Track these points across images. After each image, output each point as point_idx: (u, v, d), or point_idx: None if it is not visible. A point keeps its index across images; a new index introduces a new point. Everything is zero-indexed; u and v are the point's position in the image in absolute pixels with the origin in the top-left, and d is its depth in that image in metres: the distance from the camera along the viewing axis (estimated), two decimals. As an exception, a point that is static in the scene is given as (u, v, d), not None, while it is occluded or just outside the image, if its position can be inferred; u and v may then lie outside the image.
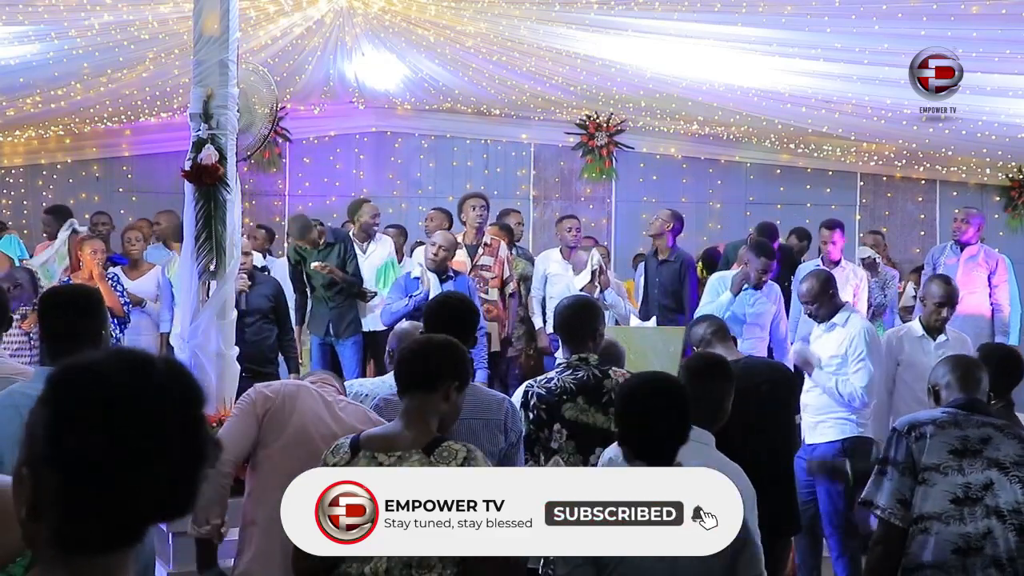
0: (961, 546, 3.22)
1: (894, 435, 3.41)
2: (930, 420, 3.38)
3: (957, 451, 3.30)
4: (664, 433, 2.73)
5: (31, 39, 7.47)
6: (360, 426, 3.24)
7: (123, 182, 10.86)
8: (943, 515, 3.25)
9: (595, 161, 10.81)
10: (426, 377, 2.74)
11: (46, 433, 1.21)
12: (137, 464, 1.20)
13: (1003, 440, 3.33)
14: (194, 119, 5.02)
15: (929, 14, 6.32)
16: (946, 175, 10.78)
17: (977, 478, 3.26)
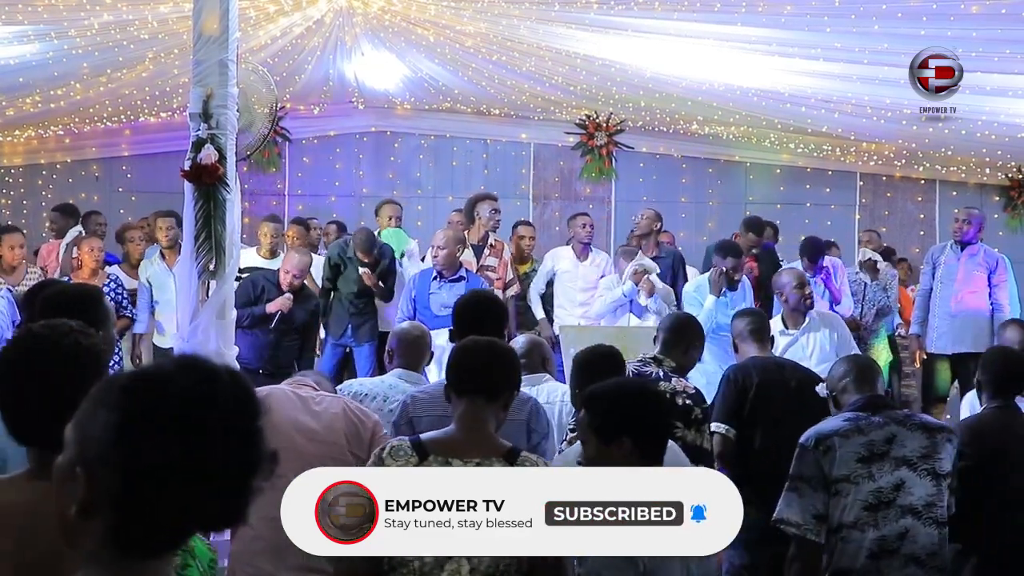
0: (875, 550, 3.27)
1: (801, 451, 3.39)
2: (834, 431, 3.37)
3: (864, 458, 3.31)
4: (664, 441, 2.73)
5: (31, 39, 7.47)
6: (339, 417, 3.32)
7: (123, 182, 10.86)
8: (858, 523, 3.29)
9: (595, 161, 10.80)
10: (491, 384, 2.68)
11: (111, 436, 1.24)
12: (198, 472, 1.23)
13: (907, 435, 3.36)
14: (194, 119, 5.03)
15: (929, 14, 6.31)
16: (946, 175, 10.77)
17: (887, 480, 3.30)
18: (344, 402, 3.50)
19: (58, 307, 3.21)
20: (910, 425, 3.41)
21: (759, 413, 4.43)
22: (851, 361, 3.76)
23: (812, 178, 10.95)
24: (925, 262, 8.08)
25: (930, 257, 8.03)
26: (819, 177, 10.94)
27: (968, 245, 7.77)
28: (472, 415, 2.65)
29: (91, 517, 1.25)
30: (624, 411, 2.67)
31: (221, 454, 1.25)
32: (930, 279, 7.88)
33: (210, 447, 1.24)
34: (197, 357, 1.35)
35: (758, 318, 4.85)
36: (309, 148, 11.08)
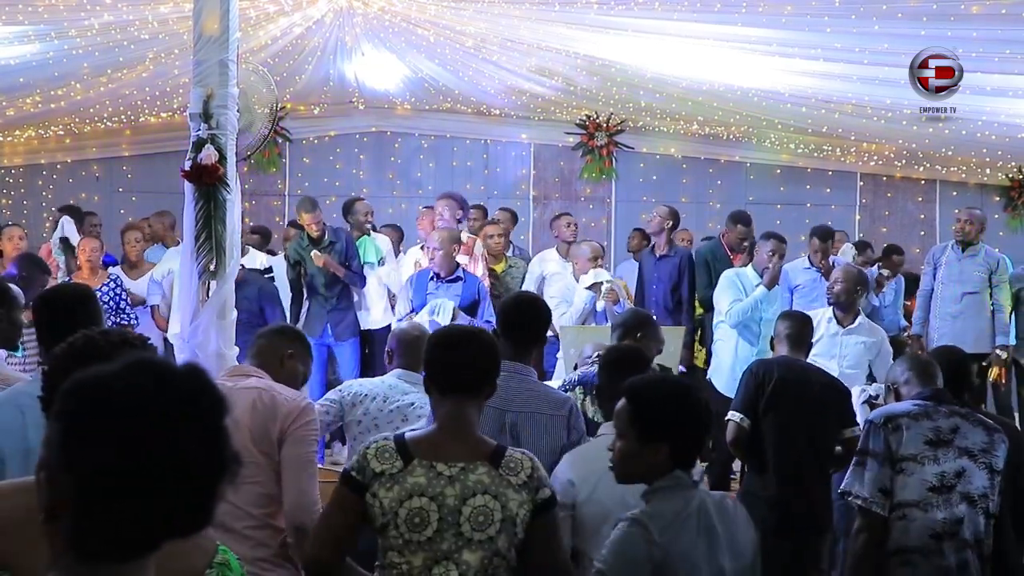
0: (938, 531, 3.44)
1: (871, 427, 3.57)
2: (904, 412, 3.55)
3: (932, 441, 3.49)
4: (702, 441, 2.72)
5: (31, 39, 7.48)
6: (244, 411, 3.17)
7: (123, 182, 10.87)
8: (921, 502, 3.45)
9: (595, 161, 10.81)
10: (476, 381, 2.64)
11: (59, 440, 1.22)
12: (149, 475, 1.19)
13: (970, 428, 3.53)
14: (194, 119, 5.03)
15: (929, 14, 6.32)
16: (946, 175, 10.78)
17: (951, 466, 3.47)
18: (257, 391, 3.31)
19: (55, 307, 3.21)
20: (972, 420, 3.57)
21: (775, 409, 4.50)
22: (912, 359, 3.97)
23: (812, 178, 10.96)
24: (926, 262, 8.08)
25: (931, 257, 8.01)
26: (819, 177, 10.94)
27: (969, 245, 7.76)
28: (457, 414, 2.62)
29: (55, 522, 1.23)
30: (666, 413, 2.57)
31: (170, 456, 1.20)
32: (931, 279, 7.87)
33: (161, 449, 1.19)
34: (150, 358, 1.30)
35: (798, 324, 4.82)
36: (309, 148, 11.09)
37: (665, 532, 2.45)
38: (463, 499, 2.51)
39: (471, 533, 2.50)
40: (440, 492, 2.51)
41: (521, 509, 2.53)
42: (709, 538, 2.49)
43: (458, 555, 2.49)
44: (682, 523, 2.48)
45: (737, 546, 2.56)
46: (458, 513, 2.50)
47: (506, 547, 2.52)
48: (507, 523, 2.51)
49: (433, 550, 2.50)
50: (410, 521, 2.50)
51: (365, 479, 2.54)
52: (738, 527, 2.60)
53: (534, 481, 2.56)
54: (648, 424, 2.55)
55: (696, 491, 2.55)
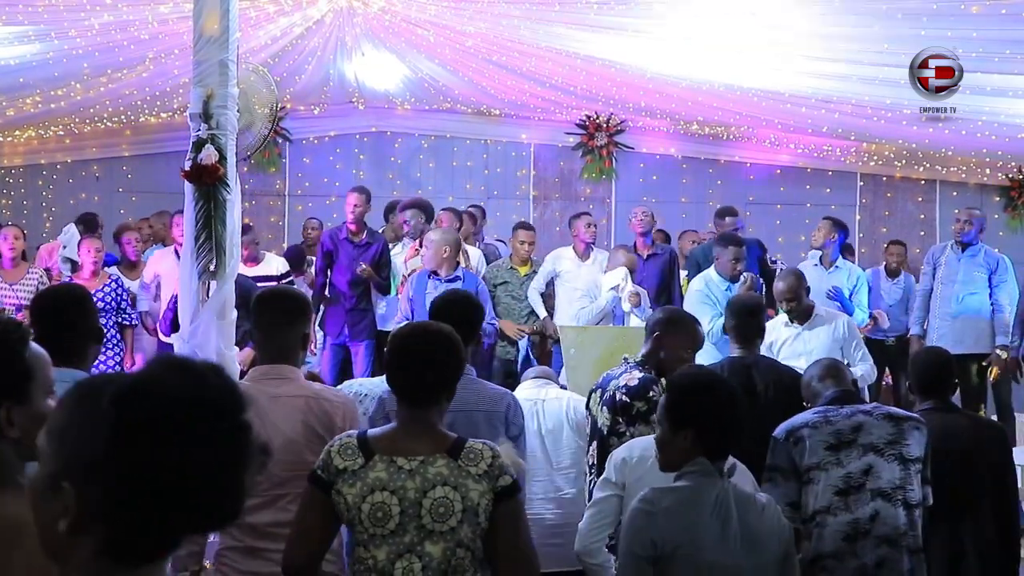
0: (849, 532, 3.48)
1: (774, 443, 3.62)
2: (803, 423, 3.62)
3: (832, 446, 3.55)
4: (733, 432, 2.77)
5: (31, 39, 7.48)
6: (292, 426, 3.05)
7: (123, 182, 10.87)
8: (831, 508, 3.51)
9: (595, 161, 10.81)
10: (434, 391, 2.65)
11: (103, 447, 1.20)
12: (194, 475, 1.21)
13: (874, 424, 3.58)
14: (194, 119, 5.03)
15: (929, 14, 6.32)
16: (946, 175, 10.77)
17: (856, 466, 3.52)
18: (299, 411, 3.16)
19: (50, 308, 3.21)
20: (876, 415, 3.62)
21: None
22: (817, 363, 4.03)
23: (812, 178, 10.95)
24: (925, 262, 8.05)
25: (930, 257, 7.99)
26: (819, 177, 10.94)
27: (969, 246, 7.75)
28: (415, 415, 2.66)
29: (81, 531, 1.22)
30: (692, 401, 2.70)
31: (214, 454, 1.23)
32: (930, 279, 7.85)
33: (204, 448, 1.22)
34: (181, 358, 1.31)
35: (739, 317, 4.70)
36: (309, 148, 11.09)
37: (670, 512, 2.57)
38: (423, 491, 2.53)
39: (432, 525, 2.52)
40: (401, 485, 2.53)
41: (483, 499, 2.54)
42: (723, 527, 2.57)
43: (420, 547, 2.51)
44: (693, 507, 2.58)
45: (757, 541, 2.61)
46: (419, 505, 2.52)
47: (470, 537, 2.54)
48: (468, 513, 2.53)
49: (396, 543, 2.52)
50: (373, 516, 2.53)
51: (329, 476, 2.58)
52: (762, 523, 2.64)
53: (494, 470, 2.57)
54: (676, 412, 2.70)
55: (719, 480, 2.63)
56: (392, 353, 2.72)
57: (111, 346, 7.09)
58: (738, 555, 2.58)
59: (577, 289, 7.75)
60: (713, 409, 2.67)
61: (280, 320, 3.25)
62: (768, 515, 2.68)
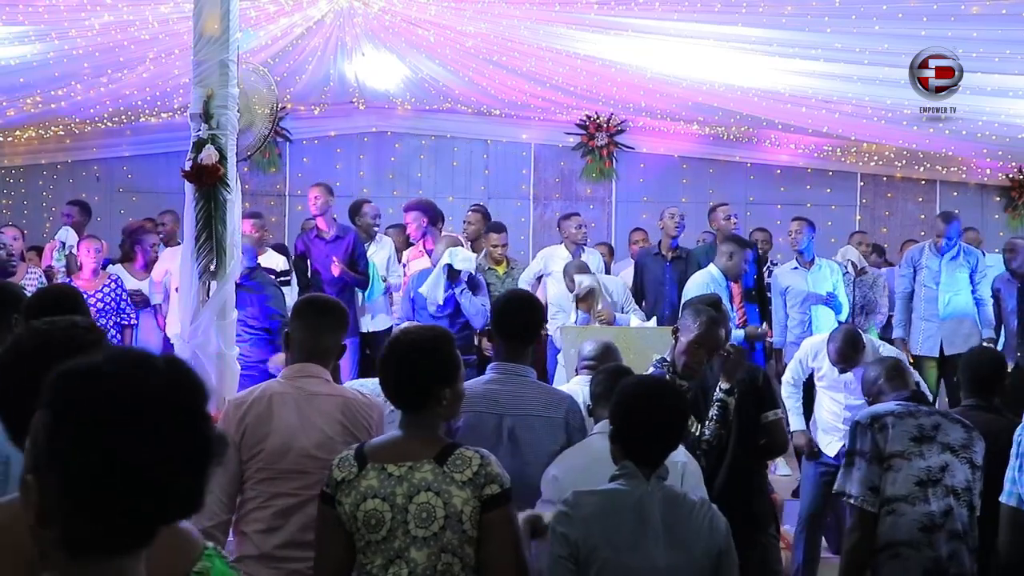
0: (926, 524, 3.54)
1: (857, 428, 3.68)
2: (888, 412, 3.70)
3: (916, 438, 3.62)
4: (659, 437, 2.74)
5: (31, 39, 7.48)
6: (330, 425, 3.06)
7: (123, 182, 10.87)
8: (909, 496, 3.56)
9: (595, 161, 10.81)
10: (416, 396, 2.65)
11: (45, 437, 1.21)
12: (135, 465, 1.19)
13: (950, 426, 3.68)
14: (194, 119, 5.03)
15: (929, 14, 6.32)
16: (946, 175, 10.77)
17: (935, 461, 3.59)
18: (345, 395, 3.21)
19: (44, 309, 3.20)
20: (951, 419, 3.74)
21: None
22: (880, 363, 4.09)
23: (812, 178, 10.95)
24: (905, 263, 7.98)
25: (909, 260, 7.94)
26: (819, 177, 10.94)
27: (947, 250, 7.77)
28: (411, 420, 2.67)
29: (48, 523, 1.21)
30: (620, 408, 2.77)
31: (162, 444, 1.20)
32: (911, 282, 7.83)
33: (149, 437, 1.20)
34: (130, 349, 1.30)
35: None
36: (309, 148, 11.08)
37: (588, 514, 2.61)
38: (409, 497, 2.54)
39: (416, 530, 2.52)
40: (391, 492, 2.54)
41: (466, 506, 2.53)
42: (644, 527, 2.60)
43: (407, 553, 2.52)
44: (612, 509, 2.62)
45: (683, 541, 2.61)
46: (405, 511, 2.53)
47: (455, 544, 2.53)
48: (451, 520, 2.52)
49: (387, 550, 2.53)
50: (367, 523, 2.54)
51: (331, 489, 2.62)
52: (691, 523, 2.64)
53: (480, 478, 2.55)
54: (611, 417, 2.78)
55: (642, 482, 2.64)
56: (385, 359, 2.72)
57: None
58: (659, 558, 2.59)
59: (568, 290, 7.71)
60: (629, 415, 2.72)
61: (329, 325, 3.26)
62: (698, 515, 2.67)
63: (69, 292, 3.38)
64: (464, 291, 6.70)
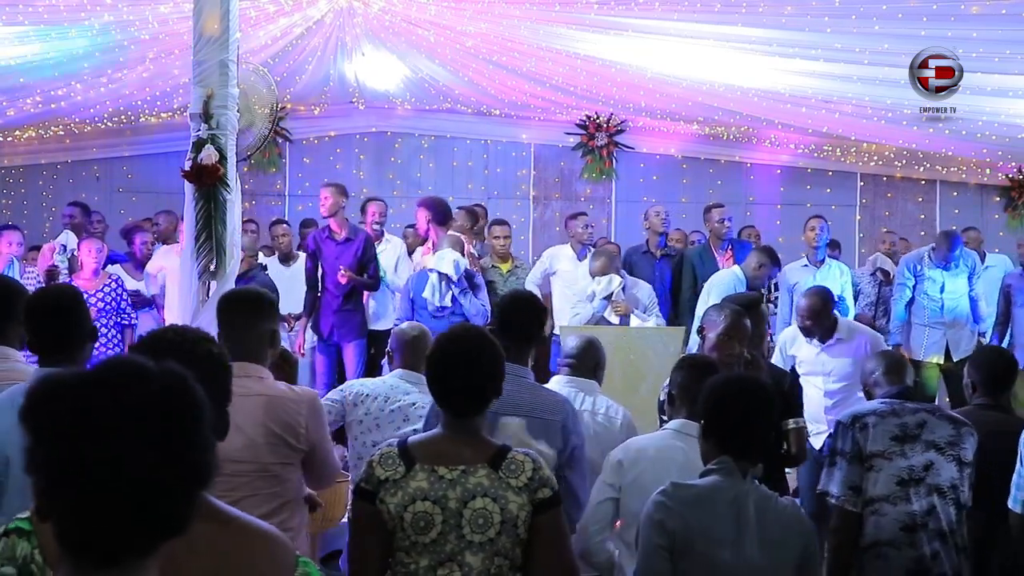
0: (908, 523, 3.54)
1: (839, 428, 3.69)
2: (871, 411, 3.68)
3: (898, 437, 3.60)
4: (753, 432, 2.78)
5: (31, 39, 7.48)
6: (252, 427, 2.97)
7: (123, 182, 10.87)
8: (891, 496, 3.56)
9: (595, 161, 10.81)
10: (472, 400, 2.64)
11: (29, 443, 1.21)
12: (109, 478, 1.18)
13: (937, 423, 3.65)
14: (194, 119, 5.04)
15: (929, 14, 6.32)
16: (946, 175, 10.77)
17: (918, 460, 3.58)
18: (269, 395, 3.06)
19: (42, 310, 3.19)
20: (939, 415, 3.71)
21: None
22: (881, 355, 4.06)
23: (812, 178, 10.95)
24: (906, 271, 7.92)
25: (911, 267, 7.88)
26: (819, 177, 10.94)
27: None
28: (458, 424, 2.65)
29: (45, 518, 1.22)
30: (710, 405, 2.80)
31: (136, 459, 1.18)
32: (911, 290, 7.80)
33: (127, 451, 1.18)
34: (128, 360, 1.27)
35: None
36: (309, 148, 11.08)
37: (686, 505, 2.65)
38: (463, 502, 2.52)
39: (472, 535, 2.51)
40: (442, 495, 2.52)
41: (521, 511, 2.53)
42: (738, 524, 2.63)
43: (461, 557, 2.51)
44: (710, 502, 2.65)
45: (774, 543, 2.66)
46: (459, 516, 2.51)
47: (509, 548, 2.53)
48: (507, 525, 2.52)
49: (437, 552, 2.51)
50: (415, 524, 2.52)
51: (372, 487, 2.57)
52: (780, 524, 2.68)
53: (535, 482, 2.56)
54: (703, 413, 2.81)
55: (739, 480, 2.68)
56: (433, 361, 2.68)
57: (111, 346, 7.09)
58: (752, 556, 2.62)
59: (574, 289, 7.73)
60: (725, 410, 2.73)
61: (245, 319, 3.15)
62: (788, 517, 2.71)
63: (69, 292, 3.36)
64: (465, 291, 6.72)
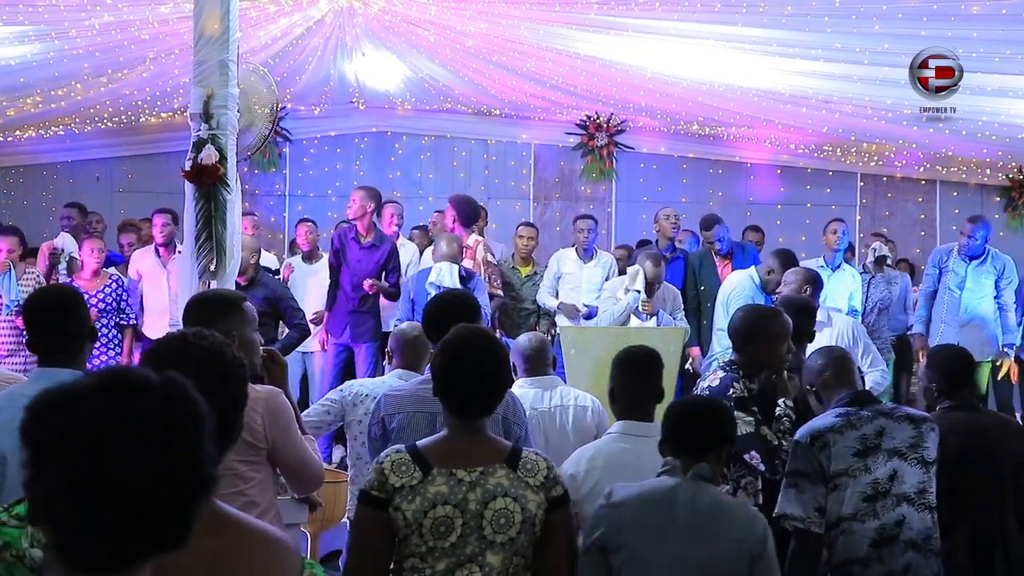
0: (876, 539, 3.39)
1: (798, 448, 3.49)
2: (828, 427, 3.48)
3: (860, 452, 3.44)
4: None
5: (31, 39, 7.48)
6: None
7: (123, 182, 10.87)
8: (858, 514, 3.41)
9: (595, 161, 10.81)
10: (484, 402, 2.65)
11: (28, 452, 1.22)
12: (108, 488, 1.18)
13: (896, 427, 3.48)
14: (194, 119, 5.04)
15: (929, 14, 6.31)
16: (946, 175, 10.77)
17: (882, 471, 3.43)
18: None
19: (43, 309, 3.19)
20: (897, 417, 3.52)
21: None
22: (828, 355, 3.78)
23: (812, 178, 10.95)
24: (931, 263, 7.94)
25: (936, 260, 7.88)
26: (819, 177, 10.94)
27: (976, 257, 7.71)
28: (467, 425, 2.64)
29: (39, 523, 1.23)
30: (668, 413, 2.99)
31: (135, 470, 1.18)
32: (935, 281, 7.77)
33: (129, 462, 1.18)
34: (129, 370, 1.27)
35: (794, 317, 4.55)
36: (309, 148, 11.08)
37: (621, 504, 2.74)
38: (484, 503, 2.52)
39: (493, 536, 2.52)
40: (463, 498, 2.51)
41: (539, 510, 2.57)
42: (670, 521, 2.69)
43: (482, 557, 2.51)
44: (644, 500, 2.75)
45: (711, 539, 2.68)
46: (480, 517, 2.51)
47: (525, 546, 2.56)
48: (527, 524, 2.55)
49: (456, 555, 2.51)
50: (435, 530, 2.50)
51: (386, 494, 2.52)
52: (724, 524, 2.70)
53: (549, 481, 2.61)
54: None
55: (682, 481, 2.74)
56: (443, 365, 2.67)
57: (112, 346, 7.09)
58: (682, 549, 2.67)
59: (580, 291, 7.74)
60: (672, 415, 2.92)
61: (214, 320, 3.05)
62: (737, 520, 2.73)
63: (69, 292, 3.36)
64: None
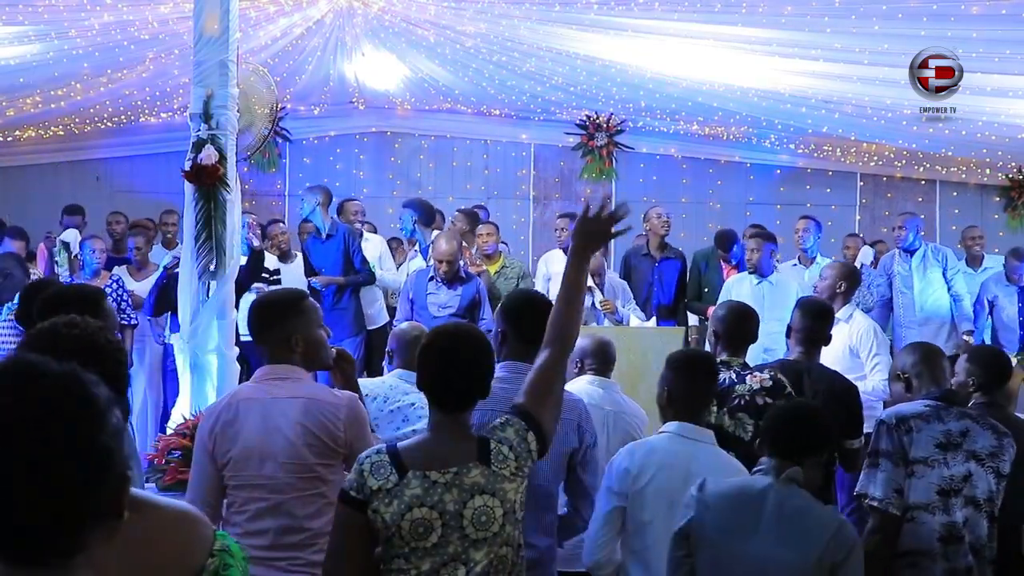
0: (944, 535, 3.41)
1: (883, 428, 3.53)
2: (915, 414, 3.51)
3: (942, 445, 3.46)
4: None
5: (31, 39, 7.48)
6: (291, 428, 2.99)
7: (123, 182, 10.87)
8: (929, 505, 3.43)
9: (595, 161, 10.81)
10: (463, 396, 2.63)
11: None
12: (12, 479, 1.16)
13: (979, 432, 3.51)
14: (194, 119, 5.04)
15: (929, 14, 6.32)
16: (946, 175, 10.78)
17: (958, 470, 3.45)
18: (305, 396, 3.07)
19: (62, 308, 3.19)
20: (982, 423, 3.55)
21: None
22: (922, 350, 3.82)
23: (812, 178, 10.96)
24: (880, 271, 7.99)
25: (883, 268, 7.98)
26: (819, 177, 10.94)
27: (914, 251, 7.78)
28: (451, 421, 2.63)
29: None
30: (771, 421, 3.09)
31: (46, 458, 1.17)
32: (887, 289, 7.86)
33: (30, 452, 1.16)
34: (26, 360, 1.25)
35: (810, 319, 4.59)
36: (309, 148, 11.09)
37: (714, 499, 2.84)
38: (463, 503, 2.51)
39: (475, 533, 2.51)
40: (439, 500, 2.51)
41: (518, 494, 2.56)
42: (757, 521, 2.77)
43: (465, 555, 2.50)
44: (736, 498, 2.84)
45: (793, 543, 2.74)
46: (460, 516, 2.51)
47: (510, 533, 2.56)
48: (509, 515, 2.54)
49: (440, 554, 2.50)
50: (414, 531, 2.50)
51: (364, 496, 2.54)
52: (802, 527, 2.76)
53: (520, 459, 2.60)
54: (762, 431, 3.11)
55: (774, 482, 2.81)
56: (424, 358, 2.68)
57: (111, 346, 7.09)
58: (766, 549, 2.72)
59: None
60: (773, 416, 3.05)
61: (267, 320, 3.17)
62: (813, 524, 2.76)
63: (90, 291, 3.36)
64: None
